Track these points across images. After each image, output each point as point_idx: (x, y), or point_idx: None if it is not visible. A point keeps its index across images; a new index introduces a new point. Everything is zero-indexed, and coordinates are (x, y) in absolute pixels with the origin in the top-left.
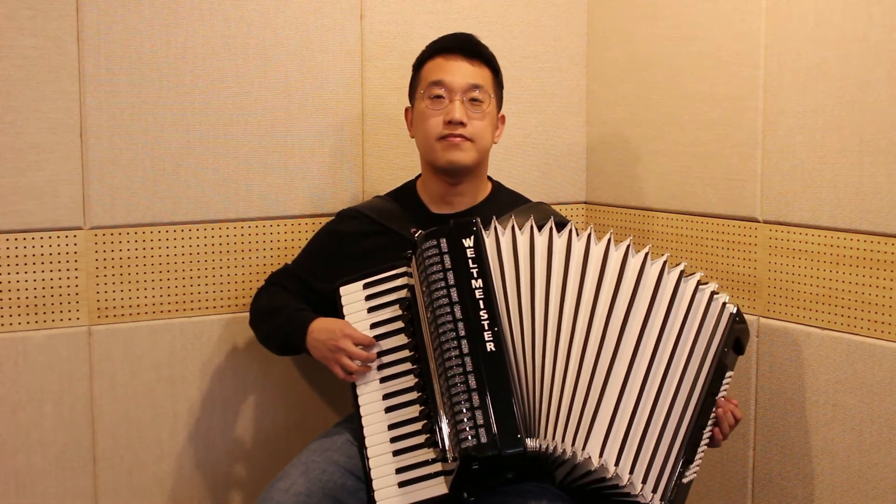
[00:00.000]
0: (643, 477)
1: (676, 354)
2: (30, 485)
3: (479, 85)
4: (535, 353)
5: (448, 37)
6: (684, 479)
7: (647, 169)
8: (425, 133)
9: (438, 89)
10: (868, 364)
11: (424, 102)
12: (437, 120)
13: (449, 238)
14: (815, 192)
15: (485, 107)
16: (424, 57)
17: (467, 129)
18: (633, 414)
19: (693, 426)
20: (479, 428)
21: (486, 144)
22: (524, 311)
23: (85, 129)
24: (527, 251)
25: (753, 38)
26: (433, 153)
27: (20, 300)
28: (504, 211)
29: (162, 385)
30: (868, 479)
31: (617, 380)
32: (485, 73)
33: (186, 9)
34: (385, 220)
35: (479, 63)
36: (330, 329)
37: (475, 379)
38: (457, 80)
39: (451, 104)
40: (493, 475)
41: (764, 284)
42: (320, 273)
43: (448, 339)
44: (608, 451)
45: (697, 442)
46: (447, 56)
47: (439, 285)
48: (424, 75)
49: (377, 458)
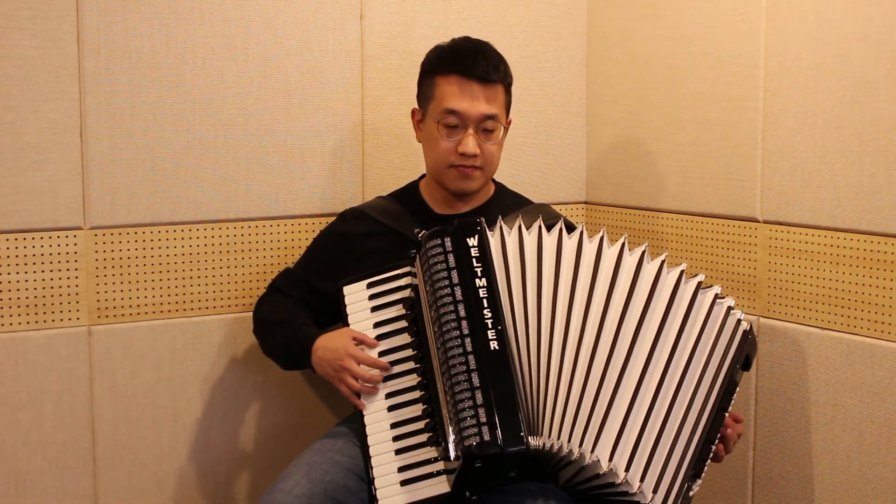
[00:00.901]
0: (654, 487)
1: (691, 367)
2: (30, 485)
3: (494, 115)
4: (539, 353)
5: (467, 51)
6: (690, 493)
7: (647, 169)
8: (436, 156)
9: (454, 119)
10: (868, 364)
11: (438, 126)
12: (450, 147)
13: (453, 237)
14: (815, 192)
15: (497, 134)
16: (440, 67)
17: (479, 159)
18: (644, 422)
19: (704, 440)
20: (482, 426)
21: (495, 166)
22: (530, 310)
23: (85, 129)
24: (534, 251)
25: (753, 38)
26: (443, 176)
27: (20, 300)
28: (507, 212)
29: (162, 385)
30: (868, 480)
31: (629, 386)
32: (499, 97)
33: (186, 9)
34: (389, 221)
35: (495, 86)
36: (334, 348)
37: (478, 377)
38: (473, 112)
39: (464, 136)
40: (495, 474)
41: (764, 284)
42: (324, 274)
43: (451, 337)
44: (618, 456)
45: (706, 457)
46: (463, 79)
47: (443, 284)
48: (439, 94)
49: (379, 456)
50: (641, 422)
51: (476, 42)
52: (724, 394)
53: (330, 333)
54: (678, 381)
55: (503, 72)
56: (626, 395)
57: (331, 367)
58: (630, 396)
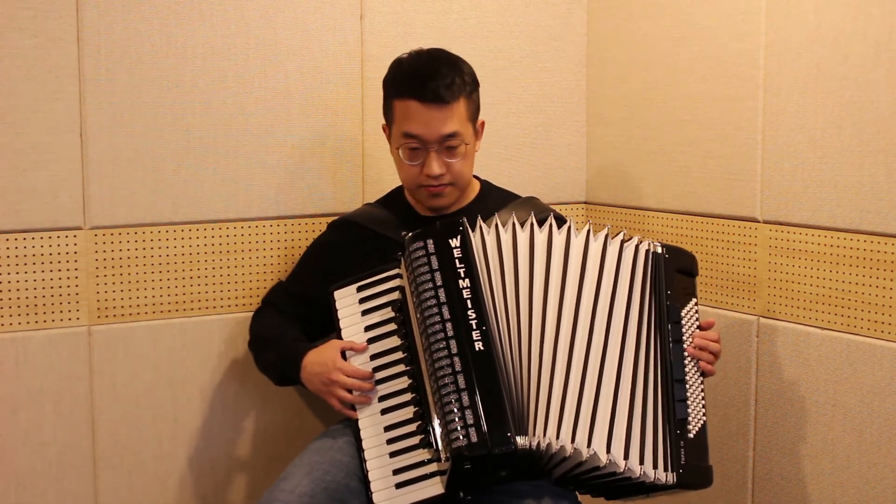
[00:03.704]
0: (640, 457)
1: (615, 322)
2: (30, 485)
3: (454, 133)
4: (521, 350)
5: (420, 73)
6: (689, 435)
7: (648, 169)
8: (405, 177)
9: (413, 142)
10: (868, 364)
11: (400, 149)
12: (415, 170)
13: (436, 239)
14: (815, 192)
15: (460, 150)
16: (395, 92)
17: (447, 177)
18: (607, 396)
19: (666, 385)
20: (469, 427)
21: (466, 178)
22: (510, 308)
23: (85, 129)
24: (510, 248)
25: (753, 38)
26: (415, 195)
27: (20, 300)
28: (494, 209)
29: (162, 385)
30: (868, 480)
31: (593, 367)
32: (459, 113)
33: (186, 9)
34: (375, 226)
35: (452, 104)
36: (322, 362)
37: (464, 378)
38: (431, 135)
39: (427, 158)
40: (486, 474)
41: (764, 284)
42: (316, 285)
43: (437, 339)
44: (596, 440)
45: (683, 396)
46: (419, 103)
47: (427, 286)
48: (398, 117)
49: (374, 459)
50: (605, 397)
51: (430, 58)
52: (665, 325)
53: (319, 347)
54: (619, 343)
55: (460, 85)
56: (592, 378)
57: (320, 381)
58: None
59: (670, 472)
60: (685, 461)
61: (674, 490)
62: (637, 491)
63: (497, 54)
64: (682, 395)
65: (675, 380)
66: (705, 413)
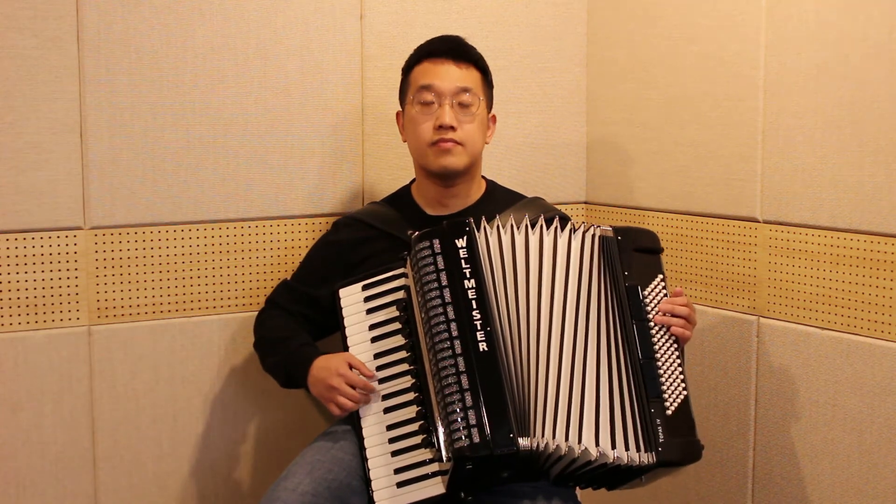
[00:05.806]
0: (611, 442)
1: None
2: (30, 485)
3: (468, 88)
4: (522, 351)
5: (435, 40)
6: (668, 412)
7: (648, 169)
8: (416, 138)
9: (428, 94)
10: (868, 364)
11: (414, 108)
12: (428, 125)
13: (442, 239)
14: (815, 192)
15: (474, 109)
16: (412, 61)
17: (458, 134)
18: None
19: (633, 364)
20: (472, 428)
21: (477, 147)
22: (511, 309)
23: (85, 129)
24: (516, 249)
25: (753, 38)
26: (425, 158)
27: (20, 300)
28: (499, 209)
29: (162, 385)
30: (868, 480)
31: (578, 362)
32: (473, 75)
33: (186, 9)
34: (382, 225)
35: (468, 65)
36: (326, 367)
37: (468, 379)
38: (445, 84)
39: (440, 109)
40: (488, 475)
41: (764, 284)
42: (321, 284)
43: (441, 339)
44: (585, 434)
45: (654, 374)
46: (435, 60)
47: (432, 286)
48: (413, 80)
49: (376, 458)
50: (578, 388)
51: (448, 36)
52: (625, 304)
53: (329, 355)
54: (583, 328)
55: (476, 57)
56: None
57: (323, 385)
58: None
59: (647, 452)
60: (664, 439)
61: (659, 469)
62: (626, 476)
63: (497, 54)
64: (653, 372)
65: (645, 358)
66: (686, 387)
